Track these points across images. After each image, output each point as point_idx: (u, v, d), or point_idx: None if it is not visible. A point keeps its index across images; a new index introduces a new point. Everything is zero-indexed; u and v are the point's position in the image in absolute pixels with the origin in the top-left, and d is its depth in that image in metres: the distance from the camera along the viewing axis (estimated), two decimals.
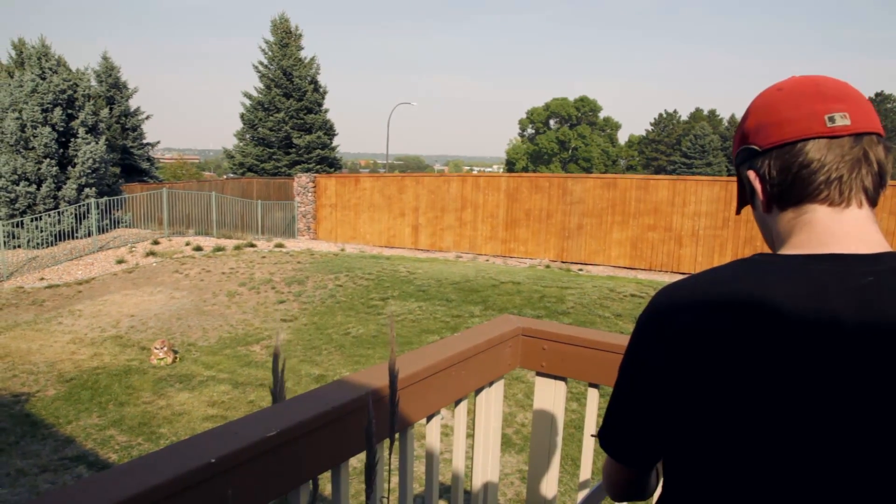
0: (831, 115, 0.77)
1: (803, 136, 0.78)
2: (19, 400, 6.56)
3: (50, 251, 15.61)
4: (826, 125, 0.77)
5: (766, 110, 0.83)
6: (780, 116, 0.81)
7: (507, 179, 15.81)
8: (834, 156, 0.77)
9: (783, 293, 0.72)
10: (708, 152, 52.36)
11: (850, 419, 0.69)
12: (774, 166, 0.81)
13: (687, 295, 0.78)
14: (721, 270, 0.79)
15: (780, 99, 0.82)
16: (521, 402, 6.18)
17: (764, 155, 0.82)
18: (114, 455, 5.31)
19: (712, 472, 0.76)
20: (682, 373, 0.76)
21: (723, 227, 13.16)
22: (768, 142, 0.81)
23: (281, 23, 29.19)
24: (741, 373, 0.71)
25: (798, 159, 0.78)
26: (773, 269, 0.76)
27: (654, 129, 60.96)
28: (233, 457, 0.95)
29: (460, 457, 1.67)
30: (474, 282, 11.03)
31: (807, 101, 0.80)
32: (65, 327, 9.60)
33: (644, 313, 0.83)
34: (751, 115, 0.86)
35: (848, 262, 0.74)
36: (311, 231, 18.57)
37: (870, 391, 0.69)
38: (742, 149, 0.86)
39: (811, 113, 0.78)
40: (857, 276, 0.73)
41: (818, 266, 0.75)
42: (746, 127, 0.86)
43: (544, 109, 65.21)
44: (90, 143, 18.17)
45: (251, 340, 8.73)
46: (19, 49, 21.18)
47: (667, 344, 0.77)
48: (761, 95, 0.86)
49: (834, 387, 0.69)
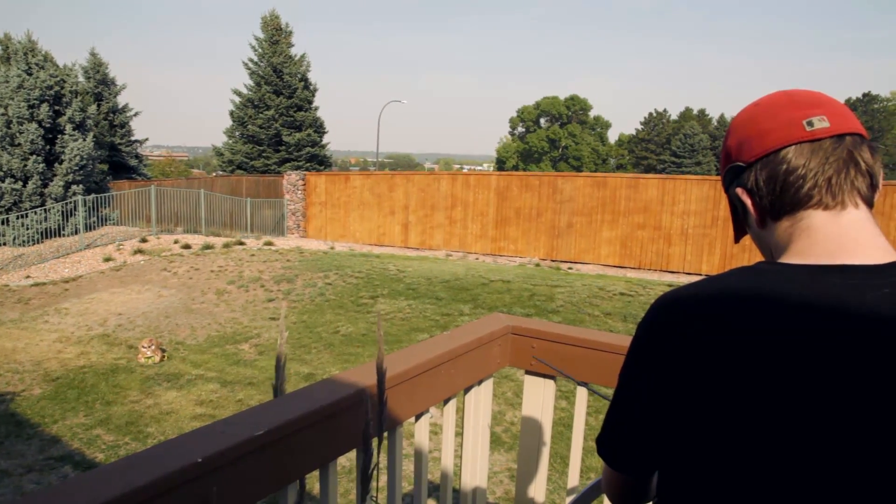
0: (809, 119, 0.78)
1: (784, 143, 0.79)
2: (4, 399, 6.50)
3: (36, 249, 15.45)
4: (805, 129, 0.78)
5: (744, 126, 0.84)
6: (760, 128, 0.82)
7: (497, 178, 15.83)
8: (818, 159, 0.77)
9: (799, 308, 0.70)
10: (697, 151, 52.68)
11: (872, 437, 0.66)
12: (761, 178, 0.81)
13: (693, 305, 0.76)
14: (726, 279, 0.76)
15: (757, 113, 0.84)
16: (511, 400, 6.20)
17: (749, 169, 0.82)
18: (100, 455, 5.27)
19: (715, 485, 0.74)
20: (688, 387, 0.74)
21: (712, 225, 13.24)
22: (751, 154, 0.82)
23: (271, 20, 29.06)
24: (753, 389, 0.69)
25: (783, 166, 0.78)
26: (783, 280, 0.74)
27: (644, 128, 61.25)
28: (219, 456, 0.95)
29: (449, 455, 1.67)
30: (464, 280, 11.04)
31: (783, 110, 0.81)
32: (51, 326, 9.51)
33: (645, 323, 0.81)
34: (731, 134, 0.87)
35: (859, 275, 0.72)
36: (300, 229, 18.50)
37: (888, 409, 0.66)
38: (728, 169, 0.87)
39: (789, 120, 0.79)
40: (873, 288, 0.71)
41: (829, 279, 0.72)
42: (729, 146, 0.87)
43: (535, 108, 65.35)
44: (77, 140, 18.00)
45: (240, 339, 8.69)
46: (5, 44, 20.96)
47: (671, 357, 0.75)
48: (739, 114, 0.87)
49: (848, 404, 0.67)
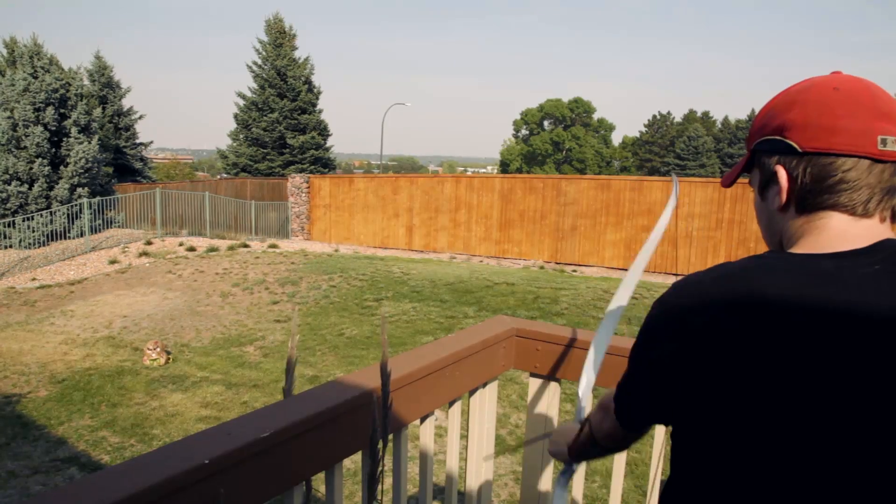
0: (885, 137, 0.74)
1: (852, 152, 0.75)
2: (10, 401, 6.52)
3: (42, 251, 15.52)
4: (878, 147, 0.74)
5: (819, 109, 0.77)
6: (835, 122, 0.76)
7: (501, 180, 15.83)
8: (874, 179, 0.75)
9: (789, 287, 0.71)
10: (701, 154, 52.56)
11: (868, 410, 0.68)
12: (811, 172, 0.77)
13: (697, 293, 0.77)
14: (731, 266, 0.77)
15: (837, 101, 0.77)
16: (515, 403, 6.19)
17: (801, 156, 0.78)
18: (106, 456, 5.28)
19: (725, 465, 0.76)
20: (696, 372, 0.75)
21: (716, 228, 13.21)
22: (812, 145, 0.77)
23: (275, 23, 29.13)
24: (754, 371, 0.71)
25: (838, 174, 0.75)
26: (780, 265, 0.75)
27: (648, 130, 61.17)
28: (226, 458, 0.95)
29: (454, 458, 1.67)
30: (468, 283, 11.03)
31: (864, 113, 0.75)
32: (57, 328, 9.55)
33: (655, 310, 0.81)
34: (798, 107, 0.79)
35: (849, 258, 0.74)
36: (304, 232, 18.53)
37: (883, 381, 0.68)
38: (775, 139, 0.81)
39: (867, 129, 0.74)
40: (862, 266, 0.72)
41: (822, 262, 0.74)
42: (790, 118, 0.79)
43: (538, 110, 65.30)
44: (83, 143, 18.08)
45: (245, 341, 8.70)
46: (11, 48, 21.04)
47: (679, 343, 0.76)
48: (814, 89, 0.80)
49: (847, 378, 0.68)
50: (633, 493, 4.16)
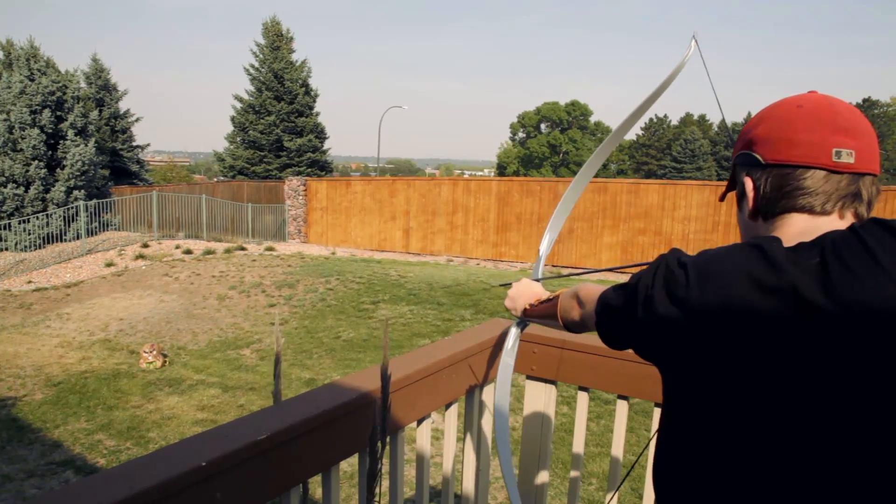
0: (839, 150, 0.79)
1: (807, 164, 0.80)
2: (6, 404, 6.49)
3: (38, 254, 15.47)
4: (832, 159, 0.79)
5: (781, 125, 0.83)
6: (794, 136, 0.81)
7: (498, 183, 15.85)
8: (830, 187, 0.80)
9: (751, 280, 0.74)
10: (698, 157, 52.66)
11: (816, 398, 0.71)
12: (771, 182, 0.83)
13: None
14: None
15: (798, 117, 0.82)
16: (512, 405, 6.19)
17: (764, 168, 0.83)
18: (102, 460, 5.26)
19: (708, 431, 0.79)
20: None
21: (712, 230, 13.24)
22: (772, 157, 0.82)
23: (272, 26, 29.15)
24: (722, 346, 0.74)
25: (795, 183, 0.81)
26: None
27: (645, 133, 61.28)
28: (222, 460, 0.95)
29: (450, 460, 1.67)
30: (465, 285, 11.04)
31: (821, 127, 0.80)
32: (53, 331, 9.52)
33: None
34: (763, 123, 0.85)
35: (798, 251, 0.74)
36: (301, 234, 18.52)
37: (829, 370, 0.69)
38: (746, 153, 0.87)
39: (821, 142, 0.79)
40: (807, 259, 0.71)
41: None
42: (756, 134, 0.86)
43: (535, 114, 65.41)
44: (79, 146, 18.04)
45: (241, 344, 8.68)
46: (7, 50, 21.01)
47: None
48: (780, 106, 0.86)
49: (799, 368, 0.70)
50: (629, 496, 4.16)
